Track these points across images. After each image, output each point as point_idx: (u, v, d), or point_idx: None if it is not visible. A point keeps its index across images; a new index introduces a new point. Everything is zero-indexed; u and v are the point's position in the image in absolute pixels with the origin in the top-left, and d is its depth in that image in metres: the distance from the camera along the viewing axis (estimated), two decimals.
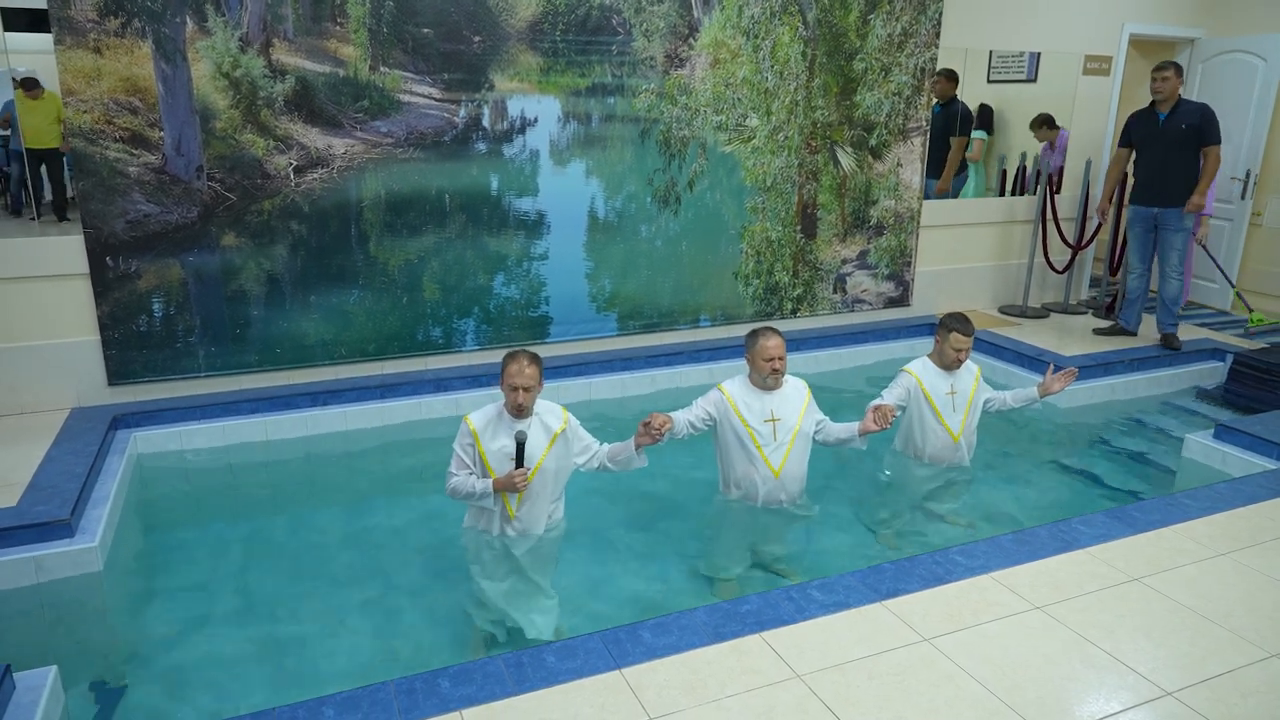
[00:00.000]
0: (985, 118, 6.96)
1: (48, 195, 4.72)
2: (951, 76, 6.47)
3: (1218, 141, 5.80)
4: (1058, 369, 4.25)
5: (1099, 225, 7.09)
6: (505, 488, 3.17)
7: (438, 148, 5.11)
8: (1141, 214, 6.06)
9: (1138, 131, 6.01)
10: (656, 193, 5.70)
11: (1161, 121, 5.85)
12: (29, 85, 4.42)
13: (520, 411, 3.22)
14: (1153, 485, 4.52)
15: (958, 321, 4.01)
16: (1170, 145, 5.81)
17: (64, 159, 4.55)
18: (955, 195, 6.86)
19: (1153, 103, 5.93)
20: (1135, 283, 6.22)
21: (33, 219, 4.63)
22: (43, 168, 4.66)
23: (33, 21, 4.19)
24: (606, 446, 3.47)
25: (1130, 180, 6.30)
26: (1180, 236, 5.93)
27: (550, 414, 3.34)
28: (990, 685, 2.54)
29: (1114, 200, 6.52)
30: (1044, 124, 7.03)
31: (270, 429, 4.74)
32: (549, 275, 5.52)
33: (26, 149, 4.55)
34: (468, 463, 3.25)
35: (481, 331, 5.41)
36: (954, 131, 6.64)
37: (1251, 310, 6.85)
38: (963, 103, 6.65)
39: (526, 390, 3.18)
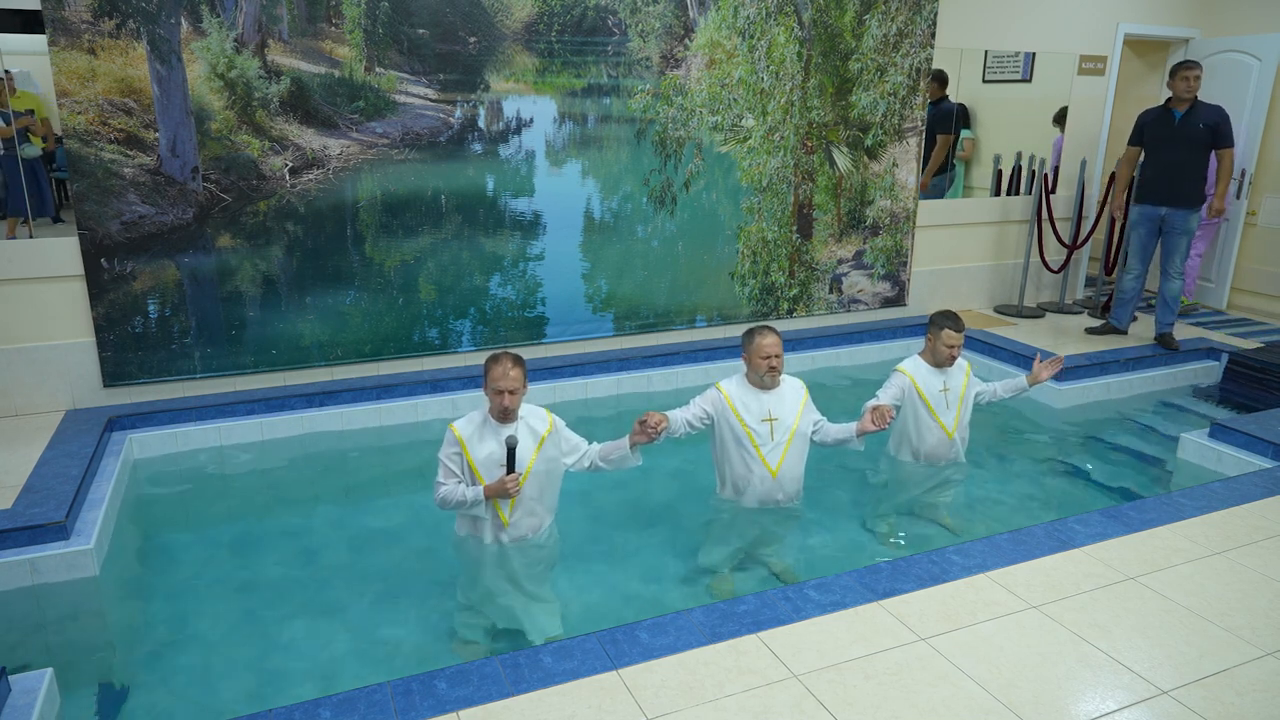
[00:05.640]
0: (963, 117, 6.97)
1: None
2: (938, 78, 6.46)
3: (1232, 144, 5.81)
4: (1044, 359, 4.29)
5: (1094, 224, 7.11)
6: (497, 494, 3.14)
7: (433, 148, 5.10)
8: (1148, 214, 6.03)
9: (1151, 130, 5.96)
10: (652, 193, 5.70)
11: (1177, 120, 5.81)
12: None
13: (506, 416, 3.18)
14: (1148, 484, 4.53)
15: (948, 319, 4.03)
16: (1184, 145, 5.77)
17: (50, 158, 4.53)
18: (941, 195, 6.86)
19: (1168, 101, 5.90)
20: (1132, 283, 6.22)
21: (25, 221, 4.62)
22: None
23: (26, 22, 4.18)
24: (597, 446, 3.45)
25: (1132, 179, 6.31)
26: (1185, 239, 5.92)
27: (535, 417, 3.31)
28: (987, 684, 2.54)
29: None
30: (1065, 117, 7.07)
31: (266, 430, 4.73)
32: (545, 276, 5.52)
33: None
34: (455, 472, 3.21)
35: (478, 332, 5.41)
36: (942, 130, 6.63)
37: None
38: (956, 102, 6.65)
39: (512, 393, 3.15)
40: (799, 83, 5.87)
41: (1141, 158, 6.11)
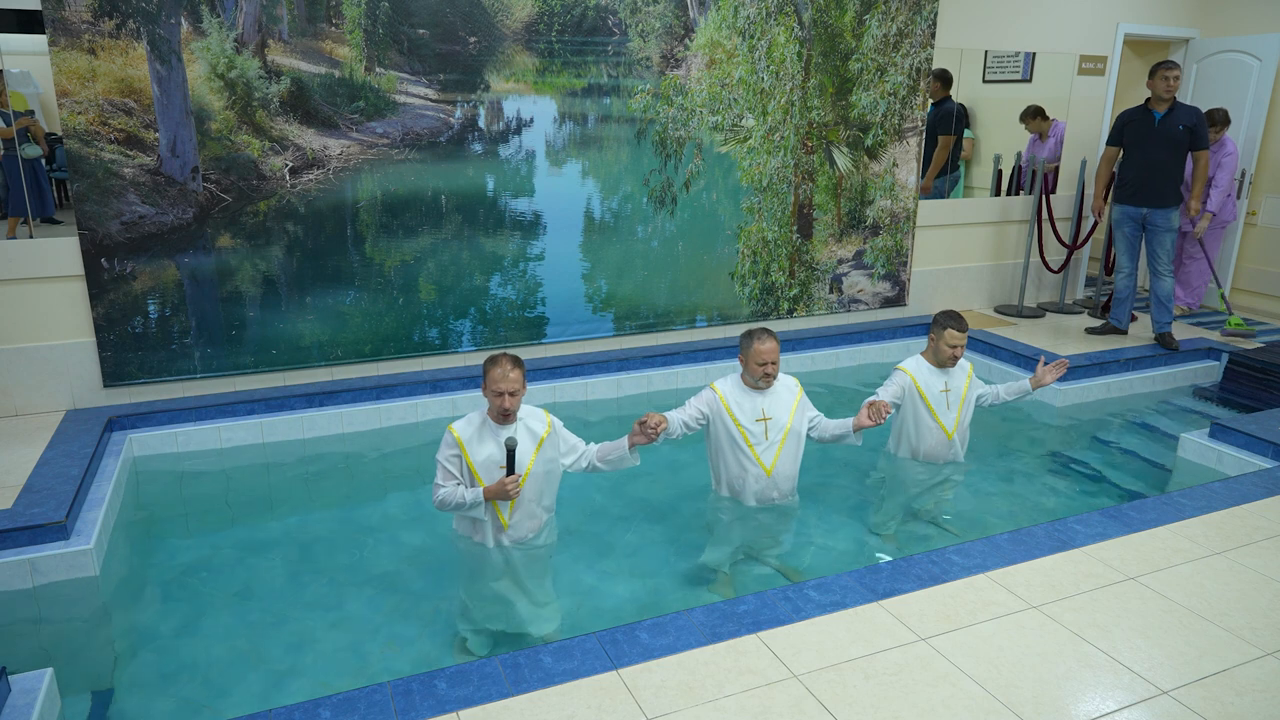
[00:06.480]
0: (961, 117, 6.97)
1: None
2: (942, 77, 6.47)
3: (1207, 146, 5.88)
4: (1048, 361, 4.28)
5: (1094, 224, 7.12)
6: (497, 496, 3.14)
7: (433, 148, 5.10)
8: (1130, 213, 6.07)
9: (1131, 131, 6.00)
10: (652, 193, 5.70)
11: (1157, 121, 5.86)
12: None
13: (506, 417, 3.18)
14: (1148, 484, 4.53)
15: (952, 319, 4.02)
16: (1164, 145, 5.83)
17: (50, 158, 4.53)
18: (943, 197, 6.86)
19: (1147, 101, 5.94)
20: (1124, 282, 6.24)
21: (25, 221, 4.62)
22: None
23: (26, 22, 4.18)
24: (595, 446, 3.46)
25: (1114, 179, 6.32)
26: (1169, 236, 5.95)
27: (533, 418, 3.31)
28: (986, 684, 2.54)
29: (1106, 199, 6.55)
30: (1035, 115, 7.05)
31: (266, 430, 4.73)
32: (545, 276, 5.52)
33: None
34: (454, 474, 3.21)
35: (478, 332, 5.41)
36: (944, 131, 6.64)
37: (1231, 313, 6.66)
38: (957, 103, 6.66)
39: (512, 395, 3.15)
40: (799, 83, 5.87)
41: (1120, 157, 6.14)
